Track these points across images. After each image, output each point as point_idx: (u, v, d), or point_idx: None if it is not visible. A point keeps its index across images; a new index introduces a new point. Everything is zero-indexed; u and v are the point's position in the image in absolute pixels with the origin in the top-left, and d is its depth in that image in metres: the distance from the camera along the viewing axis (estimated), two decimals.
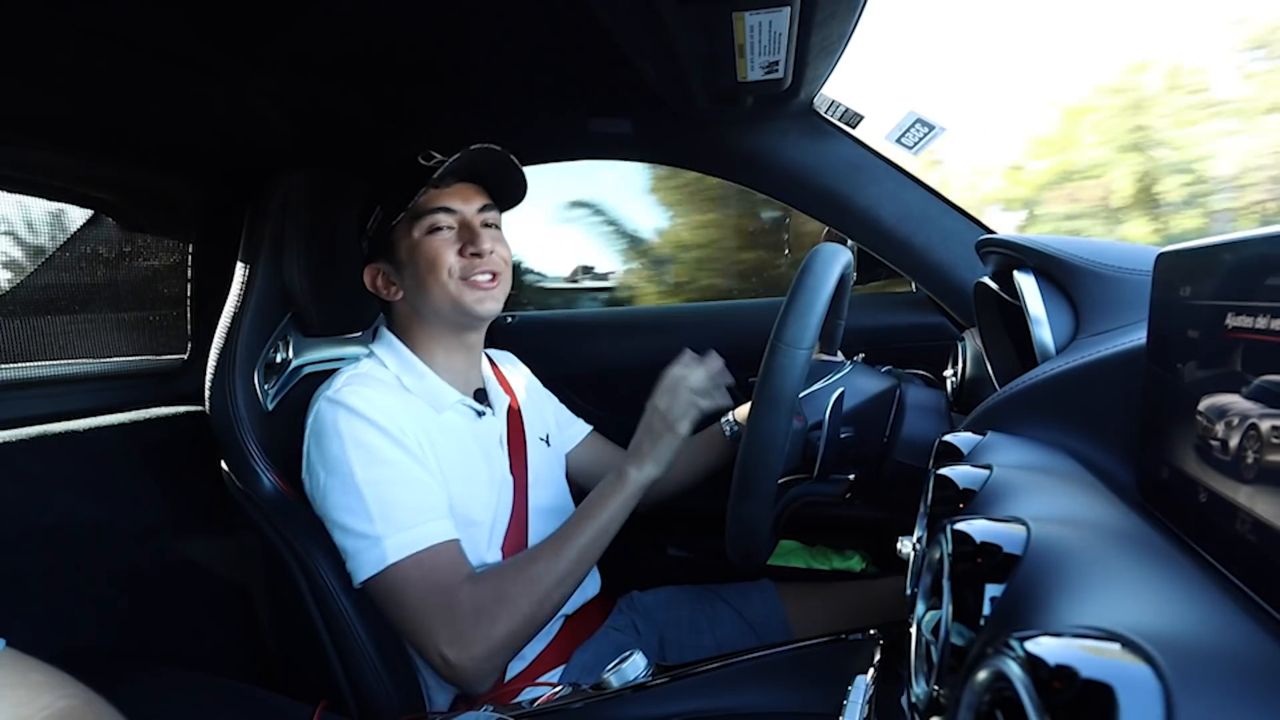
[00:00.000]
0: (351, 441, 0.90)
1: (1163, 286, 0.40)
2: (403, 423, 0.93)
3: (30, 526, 0.95)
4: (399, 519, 0.88)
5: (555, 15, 0.92)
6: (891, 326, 1.48)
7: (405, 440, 0.92)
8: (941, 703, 0.36)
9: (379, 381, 0.97)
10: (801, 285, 0.80)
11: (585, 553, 0.94)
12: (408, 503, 0.90)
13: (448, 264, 0.98)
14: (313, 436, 0.95)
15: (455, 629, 0.86)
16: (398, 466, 0.91)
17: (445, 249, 0.98)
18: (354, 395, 0.93)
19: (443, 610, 0.87)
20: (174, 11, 0.82)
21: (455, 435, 1.01)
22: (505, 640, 0.88)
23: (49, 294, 1.14)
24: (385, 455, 0.91)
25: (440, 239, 0.99)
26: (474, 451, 1.02)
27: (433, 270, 0.98)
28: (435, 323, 1.03)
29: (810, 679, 0.76)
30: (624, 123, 1.28)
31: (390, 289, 1.03)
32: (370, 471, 0.90)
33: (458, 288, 0.98)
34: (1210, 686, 0.23)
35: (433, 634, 0.87)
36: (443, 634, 0.86)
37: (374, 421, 0.91)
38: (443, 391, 1.02)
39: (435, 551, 0.89)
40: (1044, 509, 0.40)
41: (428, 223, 0.99)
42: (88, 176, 1.14)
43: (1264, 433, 0.28)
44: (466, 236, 0.99)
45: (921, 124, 1.15)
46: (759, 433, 0.79)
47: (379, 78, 1.08)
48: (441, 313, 1.01)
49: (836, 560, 1.46)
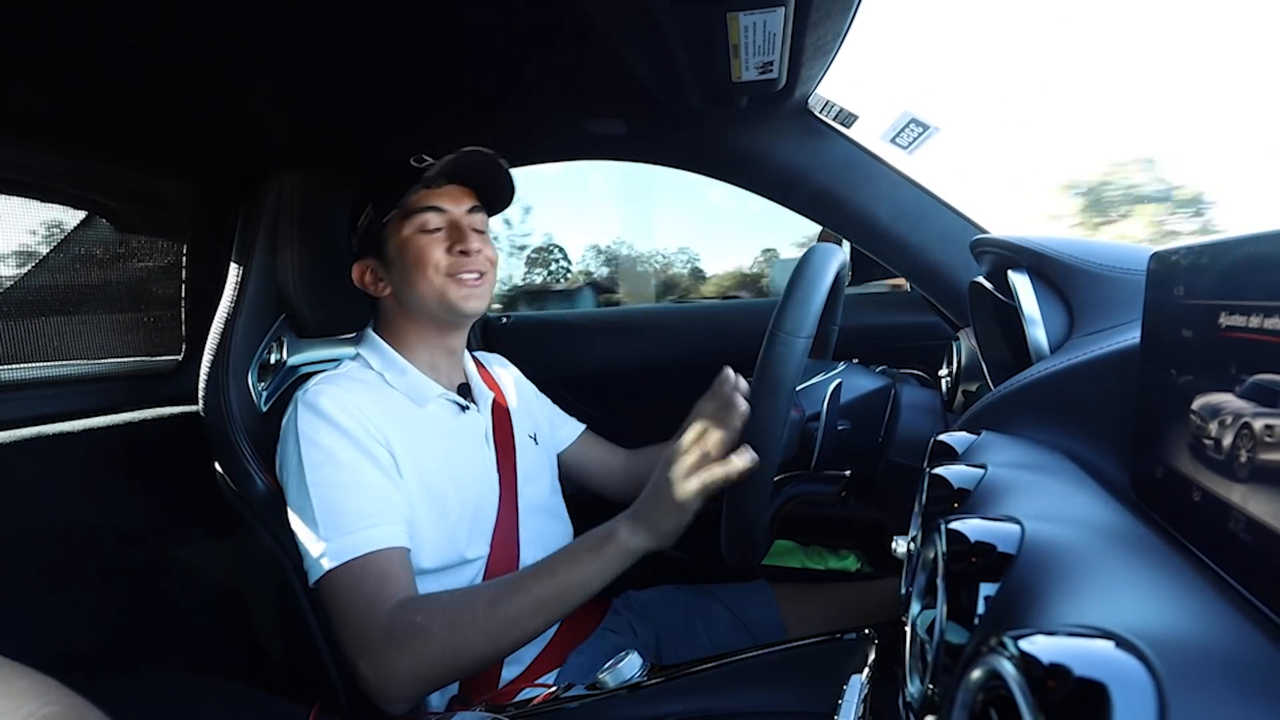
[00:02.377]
0: (307, 442, 0.91)
1: (1156, 286, 0.40)
2: (370, 423, 0.93)
3: (24, 528, 0.94)
4: (341, 524, 0.87)
5: (549, 15, 0.92)
6: (886, 326, 1.48)
7: (364, 442, 0.91)
8: (936, 702, 0.36)
9: (356, 381, 0.98)
10: (800, 277, 0.80)
11: (536, 610, 0.83)
12: (352, 507, 0.88)
13: (435, 260, 1.00)
14: (280, 436, 0.96)
15: (366, 644, 0.82)
16: (349, 469, 0.90)
17: (434, 246, 1.00)
18: (320, 395, 0.93)
19: (361, 622, 0.83)
20: (168, 13, 0.82)
21: (437, 427, 1.02)
22: (410, 672, 0.81)
23: (43, 295, 1.13)
24: (338, 457, 0.90)
25: (430, 237, 1.01)
26: (457, 444, 1.03)
27: (420, 266, 1.00)
28: (420, 319, 1.05)
29: (805, 679, 0.76)
30: (618, 123, 1.28)
31: (378, 285, 1.05)
32: (320, 474, 0.89)
33: (444, 283, 1.00)
34: (1204, 684, 0.23)
35: (350, 643, 0.84)
36: (356, 645, 0.83)
37: (335, 422, 0.91)
38: (425, 386, 1.03)
39: (370, 560, 0.86)
40: (1038, 508, 0.40)
41: (418, 221, 1.01)
42: (81, 178, 1.14)
43: (1257, 431, 0.28)
44: (455, 235, 1.02)
45: (916, 124, 1.15)
46: (758, 421, 0.79)
47: (373, 78, 1.08)
48: (428, 309, 1.02)
49: (832, 560, 1.46)
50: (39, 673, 0.46)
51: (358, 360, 1.05)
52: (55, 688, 0.46)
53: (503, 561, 1.01)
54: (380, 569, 0.86)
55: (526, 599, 0.83)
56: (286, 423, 0.96)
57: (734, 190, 1.32)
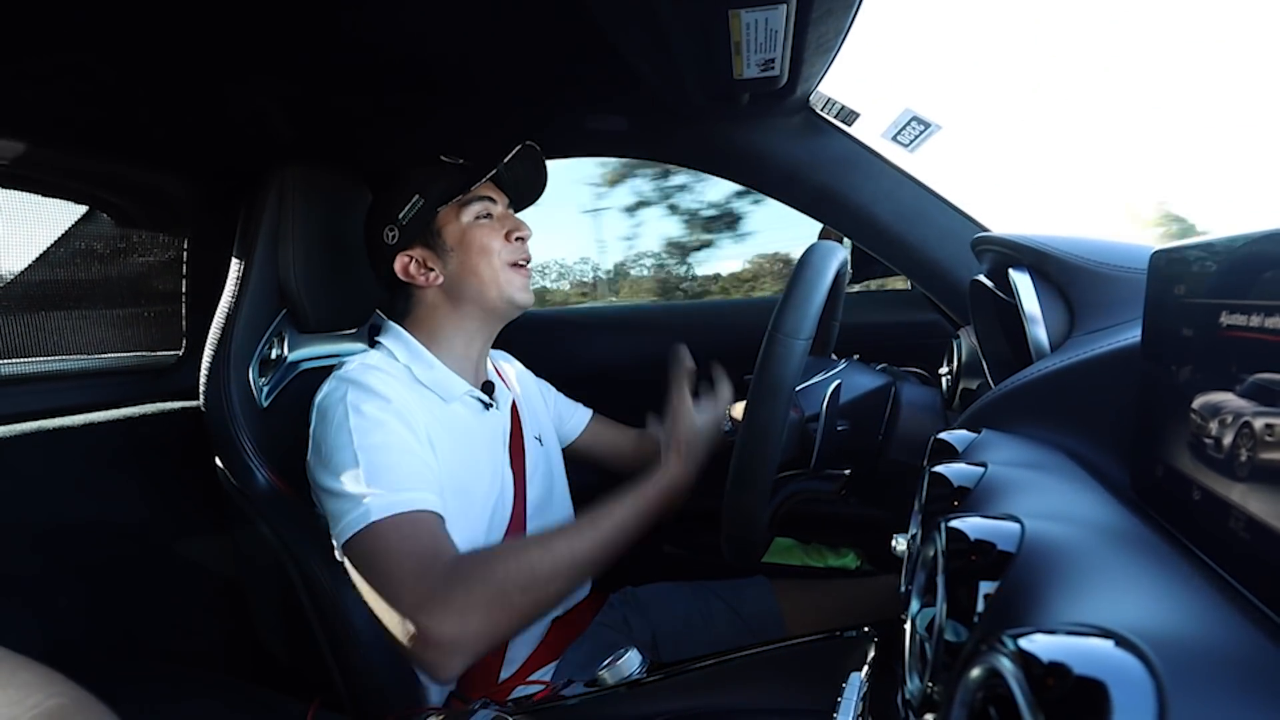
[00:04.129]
0: (354, 411, 0.90)
1: (1157, 285, 0.40)
2: (409, 406, 0.93)
3: (25, 523, 0.95)
4: (387, 481, 0.86)
5: (551, 13, 0.92)
6: (887, 324, 1.48)
7: (409, 419, 0.92)
8: (935, 700, 0.36)
9: (388, 372, 0.97)
10: (800, 277, 0.80)
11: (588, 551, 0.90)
12: (400, 468, 0.87)
13: (496, 248, 1.02)
14: (318, 413, 0.95)
15: (426, 592, 0.80)
16: (397, 435, 0.90)
17: (494, 235, 1.03)
18: (364, 374, 0.94)
19: (416, 574, 0.81)
20: (173, 10, 0.81)
21: (461, 426, 1.01)
22: (480, 611, 0.80)
23: (44, 290, 1.13)
24: (386, 425, 0.90)
25: (489, 225, 1.03)
26: (477, 444, 1.03)
27: (485, 253, 1.02)
28: (469, 309, 1.05)
29: (805, 676, 0.76)
30: (620, 120, 1.28)
31: (429, 275, 1.03)
32: (368, 438, 0.88)
33: (506, 275, 1.03)
34: (1204, 683, 0.23)
35: (401, 598, 0.80)
36: (411, 598, 0.80)
37: (381, 394, 0.91)
38: (452, 382, 1.02)
39: (418, 518, 0.85)
40: (1038, 506, 0.40)
41: (476, 209, 1.03)
42: (83, 172, 1.14)
43: (1257, 431, 0.28)
44: (511, 224, 1.04)
45: (918, 122, 1.15)
46: (757, 421, 0.78)
47: (376, 76, 1.08)
48: (485, 298, 1.03)
49: (831, 558, 1.46)
50: (44, 665, 0.47)
51: (381, 351, 1.03)
52: (60, 680, 0.46)
53: None
54: (432, 528, 0.85)
55: (582, 540, 0.91)
56: (325, 400, 0.94)
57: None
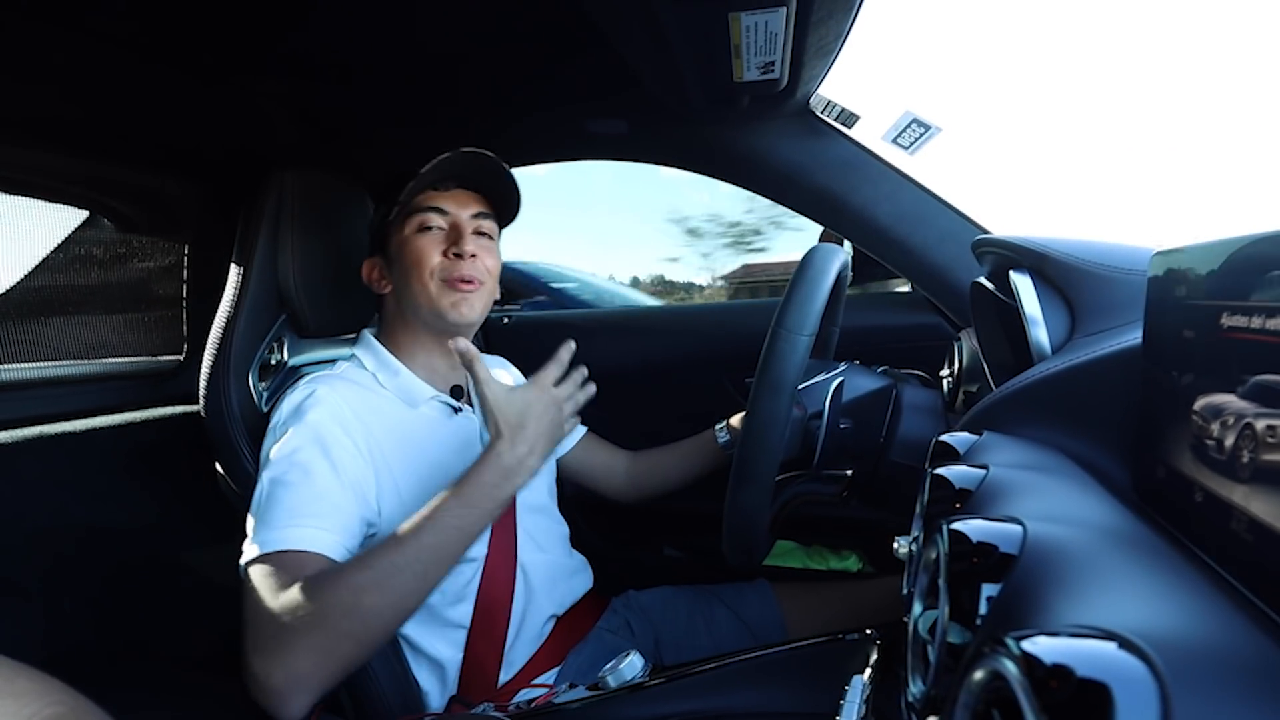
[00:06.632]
0: (273, 437, 0.91)
1: (1158, 286, 0.40)
2: (352, 427, 0.92)
3: (26, 527, 0.95)
4: (272, 518, 0.83)
5: (551, 16, 0.92)
6: (888, 326, 1.48)
7: (332, 447, 0.89)
8: (938, 702, 0.36)
9: (347, 382, 0.97)
10: (803, 276, 0.80)
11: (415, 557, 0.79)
12: (289, 504, 0.84)
13: (429, 262, 0.99)
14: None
15: (260, 637, 0.75)
16: (301, 469, 0.87)
17: (431, 248, 0.99)
18: (300, 394, 0.94)
19: (261, 617, 0.76)
20: (173, 14, 0.82)
21: (426, 430, 1.01)
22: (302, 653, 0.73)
23: (45, 295, 1.14)
24: (295, 456, 0.88)
25: (429, 238, 1.00)
26: (447, 446, 1.02)
27: (416, 267, 0.99)
28: (414, 321, 1.04)
29: (807, 679, 0.76)
30: (620, 123, 1.28)
31: (382, 283, 1.06)
32: (275, 469, 0.87)
33: (438, 289, 0.99)
34: (1206, 685, 0.23)
35: (245, 639, 0.76)
36: (250, 641, 0.76)
37: (306, 422, 0.90)
38: (416, 388, 1.03)
39: (289, 557, 0.80)
40: (1040, 508, 0.40)
41: (418, 220, 1.01)
42: (84, 177, 1.14)
43: (1259, 432, 0.28)
44: (453, 238, 1.00)
45: (918, 124, 1.15)
46: (760, 417, 0.78)
47: (375, 78, 1.08)
48: (420, 313, 1.02)
49: (833, 560, 1.46)
50: (42, 673, 0.46)
51: (353, 361, 1.05)
52: (59, 687, 0.46)
53: (501, 561, 1.01)
54: (299, 568, 0.79)
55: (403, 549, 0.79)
56: (274, 411, 0.96)
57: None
